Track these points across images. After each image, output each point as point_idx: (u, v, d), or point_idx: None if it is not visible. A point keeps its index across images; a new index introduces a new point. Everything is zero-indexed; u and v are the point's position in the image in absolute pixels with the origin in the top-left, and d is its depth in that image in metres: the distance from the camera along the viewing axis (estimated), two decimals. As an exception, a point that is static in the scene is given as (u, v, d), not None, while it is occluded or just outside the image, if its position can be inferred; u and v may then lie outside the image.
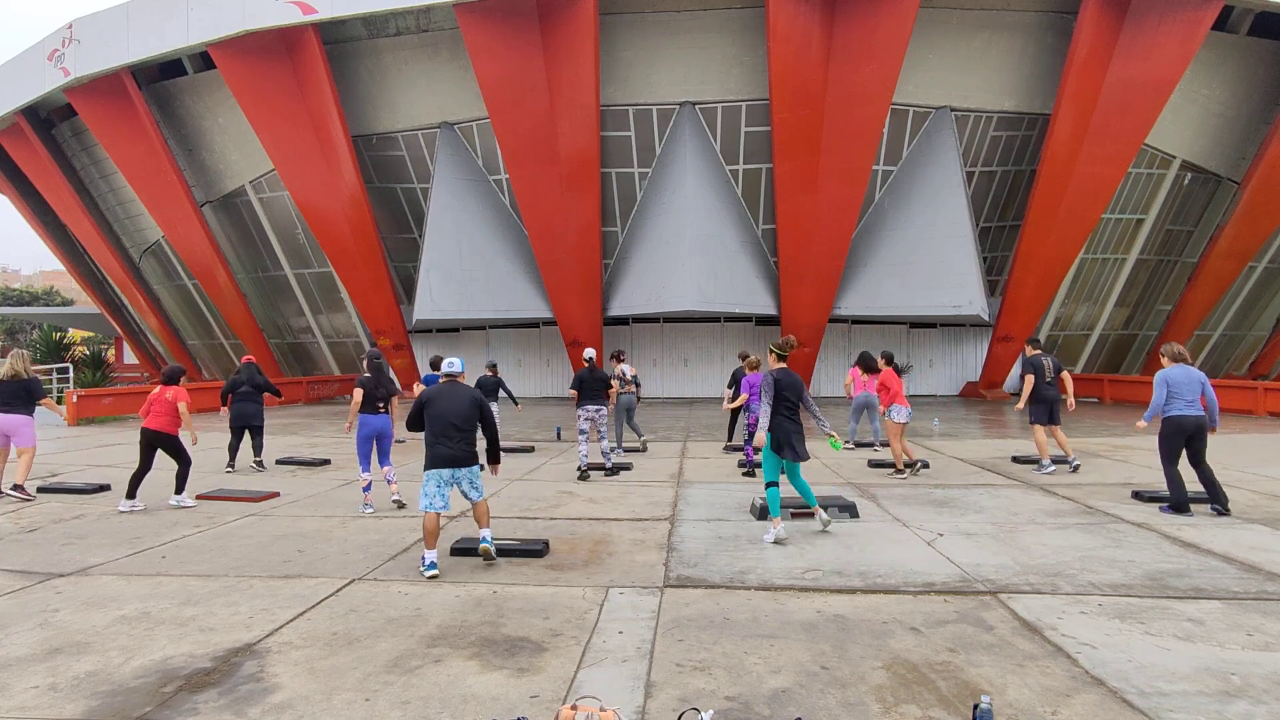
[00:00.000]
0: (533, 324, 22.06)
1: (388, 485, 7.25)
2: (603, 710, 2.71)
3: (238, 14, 17.59)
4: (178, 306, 26.11)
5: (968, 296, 18.23)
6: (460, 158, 19.89)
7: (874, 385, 10.45)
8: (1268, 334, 24.45)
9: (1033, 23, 17.68)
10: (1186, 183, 20.27)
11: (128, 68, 19.40)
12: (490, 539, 5.07)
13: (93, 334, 42.46)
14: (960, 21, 17.52)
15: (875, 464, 9.15)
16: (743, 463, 9.08)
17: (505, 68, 16.93)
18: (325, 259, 21.27)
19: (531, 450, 10.88)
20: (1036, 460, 8.82)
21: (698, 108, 18.69)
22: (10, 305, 54.32)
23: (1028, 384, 8.56)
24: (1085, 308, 21.74)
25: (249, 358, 10.26)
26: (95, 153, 23.21)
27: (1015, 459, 9.34)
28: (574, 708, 2.72)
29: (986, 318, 18.71)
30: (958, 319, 19.73)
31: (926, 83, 18.14)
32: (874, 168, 18.69)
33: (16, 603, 4.34)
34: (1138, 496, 7.03)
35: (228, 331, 24.63)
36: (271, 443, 10.89)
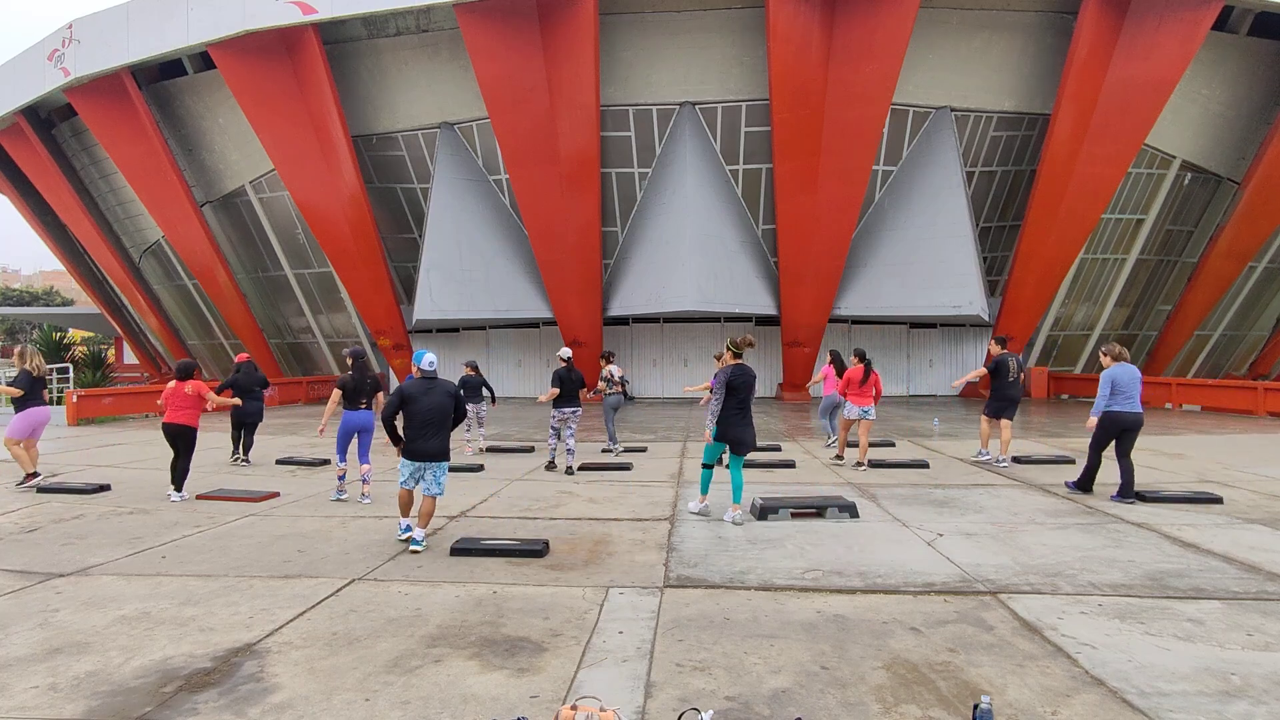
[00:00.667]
0: (533, 324, 22.06)
1: (361, 484, 7.45)
2: (603, 710, 2.71)
3: (238, 14, 17.60)
4: (178, 306, 26.11)
5: (968, 296, 18.24)
6: (460, 158, 19.90)
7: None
8: (1268, 334, 24.46)
9: (1033, 23, 17.68)
10: (1186, 183, 20.28)
11: (128, 68, 19.40)
12: (422, 540, 5.42)
13: (93, 334, 42.47)
14: (960, 21, 17.52)
15: (875, 464, 9.15)
16: None
17: (505, 68, 16.93)
18: (325, 259, 21.27)
19: (531, 450, 10.88)
20: (1037, 460, 9.22)
21: (698, 108, 18.69)
22: (10, 305, 54.37)
23: (979, 374, 9.46)
24: (1085, 308, 21.75)
25: (246, 356, 10.36)
26: (95, 153, 23.22)
27: (1015, 459, 9.35)
28: (574, 708, 2.72)
29: (986, 318, 18.72)
30: (958, 319, 19.73)
31: (926, 83, 18.15)
32: (874, 168, 18.70)
33: (16, 603, 4.34)
34: (1138, 496, 7.03)
35: (228, 331, 24.63)
36: (272, 443, 10.89)
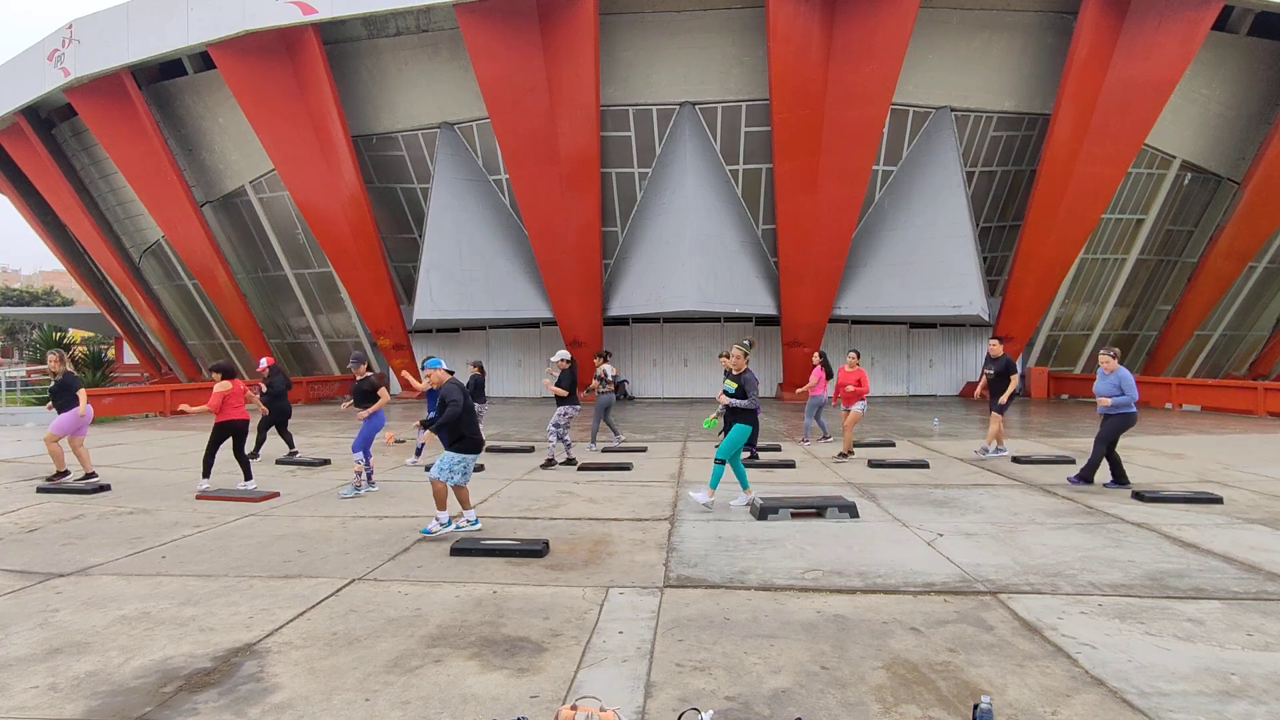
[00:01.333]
0: (533, 324, 22.06)
1: (368, 476, 7.74)
2: (603, 710, 2.71)
3: (238, 14, 17.59)
4: (178, 306, 26.11)
5: (968, 296, 18.24)
6: (460, 158, 19.90)
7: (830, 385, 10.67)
8: (1268, 334, 24.46)
9: (1033, 23, 17.68)
10: (1186, 183, 20.27)
11: (128, 68, 19.40)
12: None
13: (93, 334, 42.49)
14: (960, 21, 17.52)
15: (875, 464, 9.16)
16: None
17: (505, 68, 16.93)
18: (325, 259, 21.27)
19: (531, 450, 10.88)
20: (1037, 460, 9.32)
21: (698, 108, 18.69)
22: (10, 305, 54.36)
23: (1014, 383, 9.74)
24: (1085, 308, 21.75)
25: (273, 359, 10.83)
26: (95, 153, 23.22)
27: (1015, 459, 9.36)
28: (574, 708, 2.72)
29: (986, 318, 18.71)
30: (958, 319, 19.72)
31: (926, 83, 18.14)
32: (874, 168, 18.69)
33: (16, 603, 4.34)
34: (1138, 497, 7.03)
35: (228, 331, 24.63)
36: (272, 443, 10.90)
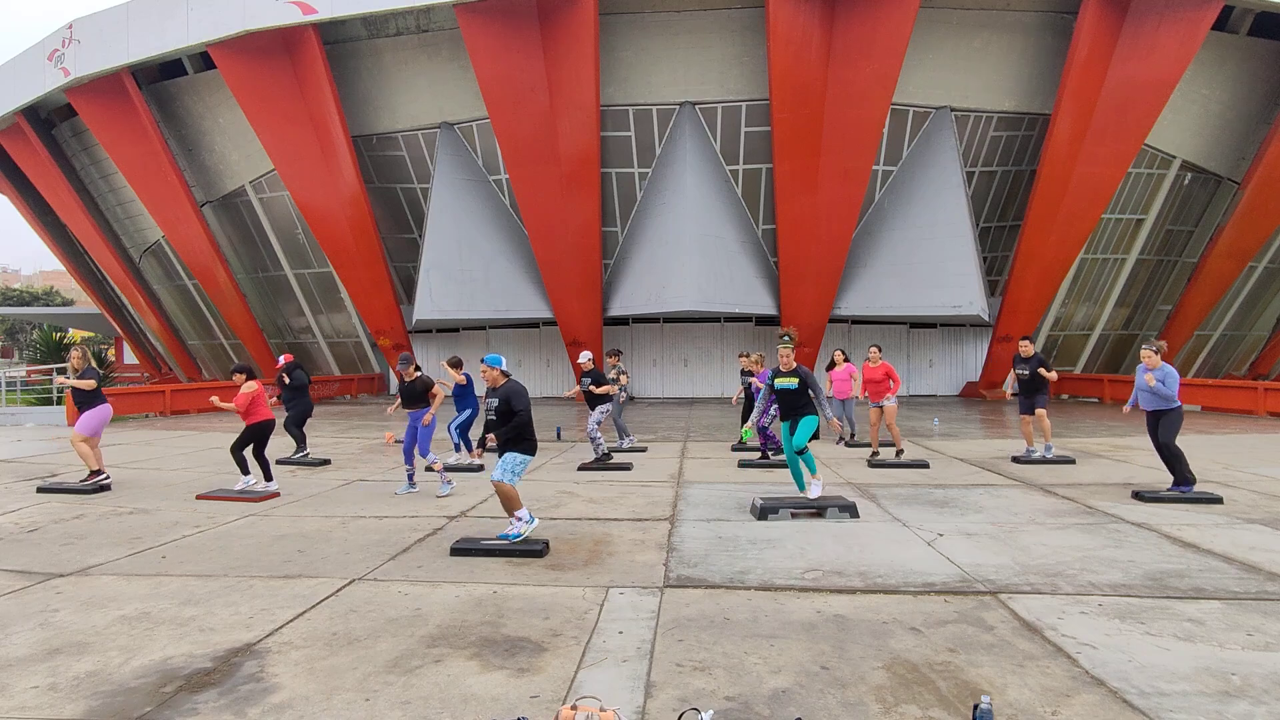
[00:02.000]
0: (533, 324, 22.07)
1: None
2: (603, 710, 2.71)
3: (238, 14, 17.60)
4: (178, 306, 26.11)
5: (968, 296, 18.24)
6: (460, 158, 19.90)
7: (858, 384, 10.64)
8: (1268, 334, 24.47)
9: (1033, 23, 17.68)
10: (1186, 183, 20.28)
11: (128, 68, 19.41)
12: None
13: (93, 334, 42.50)
14: (960, 21, 17.52)
15: (875, 464, 9.16)
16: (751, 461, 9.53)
17: (505, 68, 16.93)
18: (325, 259, 21.28)
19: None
20: (1037, 460, 9.26)
21: (698, 108, 18.69)
22: (10, 305, 54.36)
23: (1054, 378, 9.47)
24: (1085, 308, 21.75)
25: (291, 356, 10.67)
26: (95, 153, 23.22)
27: (1015, 459, 9.35)
28: (574, 708, 2.72)
29: (986, 318, 18.72)
30: (958, 319, 19.73)
31: (926, 83, 18.15)
32: (874, 168, 18.70)
33: (16, 603, 4.34)
34: (1138, 497, 7.03)
35: (228, 331, 24.63)
36: (272, 442, 10.89)
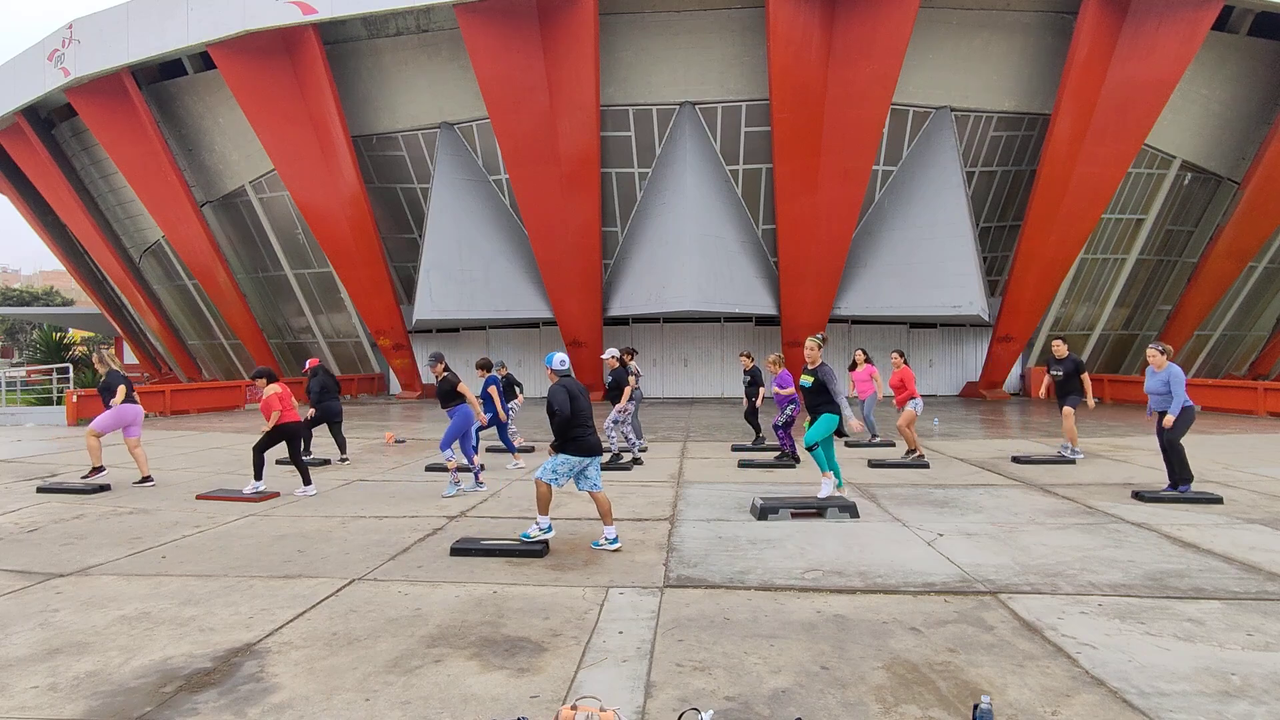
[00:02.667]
0: (533, 324, 22.07)
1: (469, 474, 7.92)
2: (603, 710, 2.71)
3: (238, 14, 17.60)
4: (178, 306, 26.11)
5: (968, 296, 18.24)
6: (460, 158, 19.90)
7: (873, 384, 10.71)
8: (1268, 334, 24.46)
9: (1033, 23, 17.68)
10: (1186, 183, 20.28)
11: (128, 68, 19.41)
12: (616, 538, 5.42)
13: (93, 334, 42.50)
14: (960, 21, 17.52)
15: (875, 463, 9.16)
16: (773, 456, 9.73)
17: (505, 68, 16.93)
18: (325, 259, 21.28)
19: (532, 450, 10.88)
20: (1037, 460, 9.29)
21: (698, 108, 18.69)
22: (10, 305, 54.35)
23: (1088, 381, 9.49)
24: (1085, 308, 21.75)
25: (317, 360, 10.55)
26: (95, 153, 23.22)
27: (1015, 459, 9.35)
28: (574, 708, 2.72)
29: (986, 318, 18.71)
30: (958, 319, 19.73)
31: (926, 83, 18.15)
32: (874, 168, 18.70)
33: (16, 603, 4.34)
34: (1138, 496, 7.02)
35: (228, 331, 24.64)
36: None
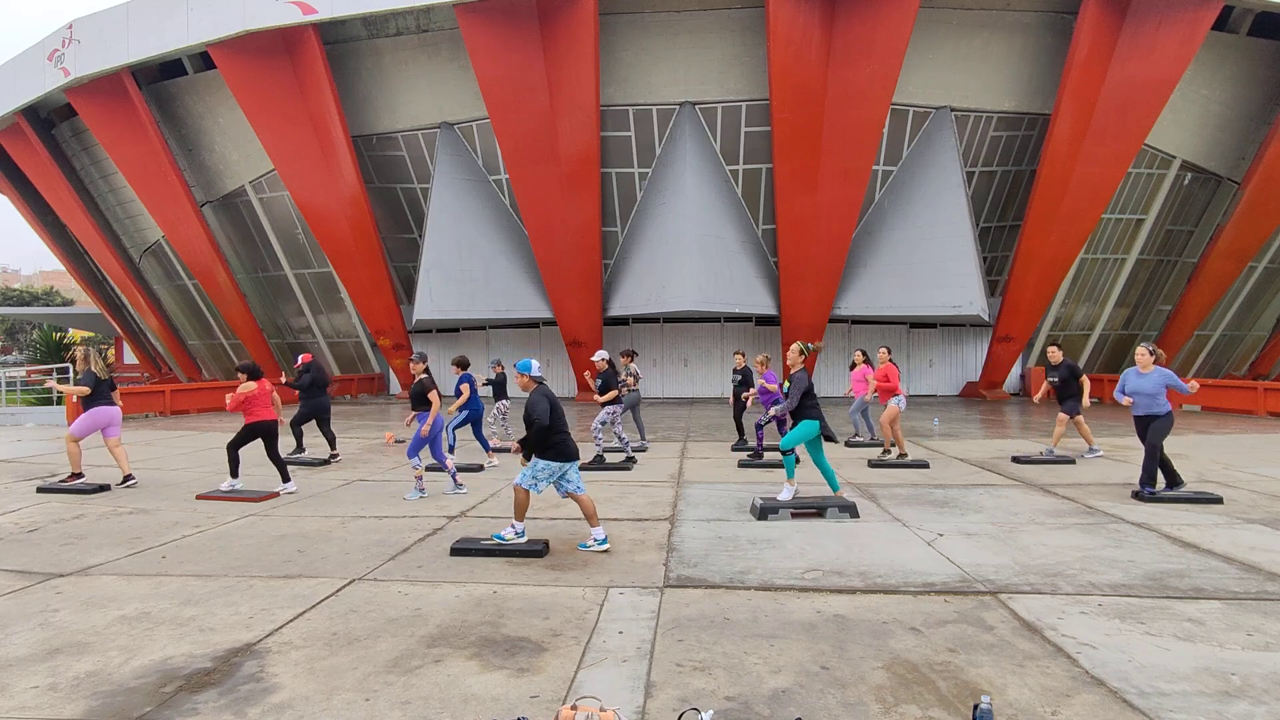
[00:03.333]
0: (533, 324, 22.07)
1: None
2: (603, 710, 2.71)
3: (238, 14, 17.60)
4: (178, 306, 26.11)
5: (968, 296, 18.24)
6: (460, 158, 19.90)
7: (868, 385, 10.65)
8: (1268, 334, 24.46)
9: (1033, 23, 17.68)
10: (1186, 183, 20.27)
11: (128, 68, 19.40)
12: (605, 538, 5.42)
13: (93, 334, 42.48)
14: (960, 21, 17.52)
15: (875, 464, 9.16)
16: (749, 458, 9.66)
17: (505, 68, 16.93)
18: (325, 259, 21.28)
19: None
20: (1037, 460, 9.28)
21: (698, 108, 18.69)
22: (10, 305, 54.36)
23: (1086, 384, 9.45)
24: (1085, 308, 21.75)
25: (310, 356, 10.58)
26: (95, 153, 23.22)
27: (1015, 459, 9.35)
28: (574, 708, 2.72)
29: (986, 318, 18.71)
30: (958, 319, 19.72)
31: (926, 83, 18.14)
32: (874, 168, 18.69)
33: (16, 603, 4.34)
34: (1138, 497, 7.03)
35: (228, 331, 24.63)
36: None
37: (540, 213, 18.47)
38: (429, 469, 8.45)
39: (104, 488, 7.78)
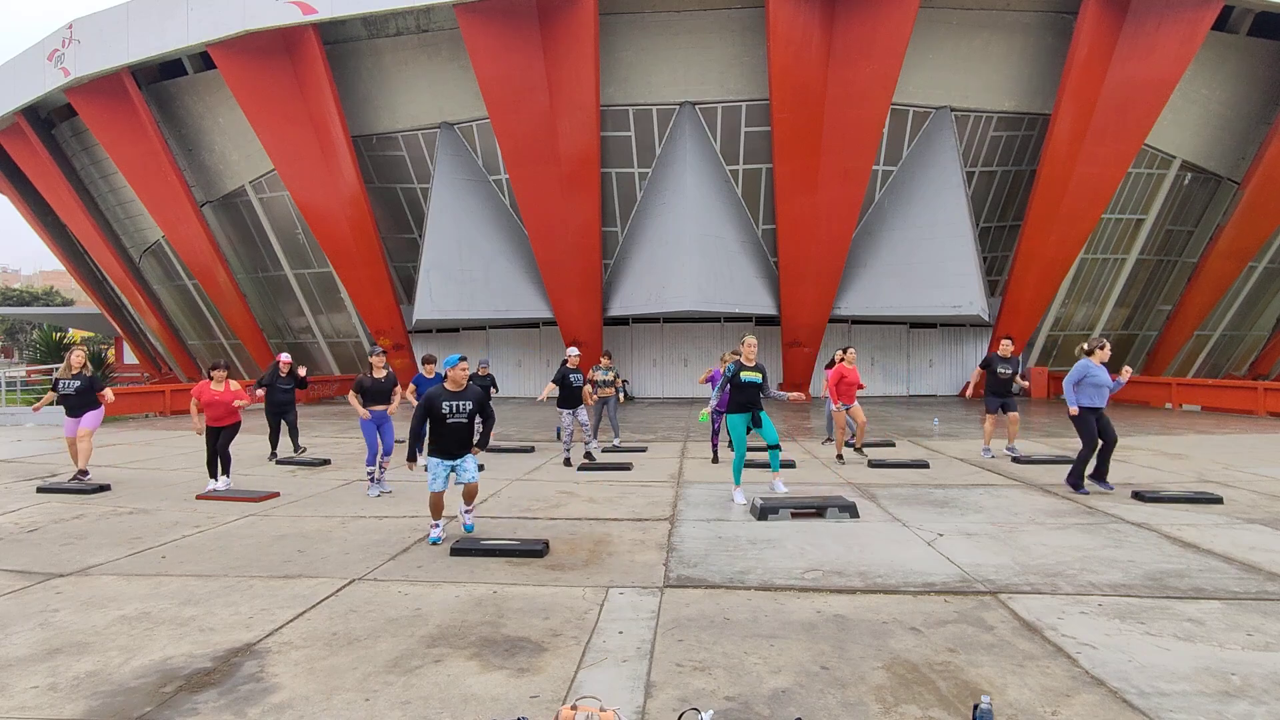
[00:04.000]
0: (533, 324, 22.07)
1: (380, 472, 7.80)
2: (603, 710, 2.71)
3: (238, 14, 17.60)
4: (178, 306, 26.11)
5: (968, 296, 18.24)
6: (460, 158, 19.90)
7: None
8: (1268, 334, 24.46)
9: (1033, 23, 17.68)
10: (1186, 183, 20.28)
11: (128, 68, 19.41)
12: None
13: (93, 334, 42.48)
14: (960, 21, 17.52)
15: (875, 464, 9.16)
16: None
17: (505, 68, 16.93)
18: (325, 259, 21.28)
19: (531, 450, 10.88)
20: (1037, 460, 9.34)
21: (698, 108, 18.69)
22: (10, 305, 54.37)
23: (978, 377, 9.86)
24: (1085, 308, 21.75)
25: (287, 362, 10.70)
26: (95, 153, 23.22)
27: (1015, 459, 9.35)
28: (574, 708, 2.72)
29: (986, 318, 18.71)
30: (958, 319, 19.73)
31: (926, 83, 18.15)
32: (874, 168, 18.69)
33: (16, 603, 4.34)
34: (1138, 497, 7.03)
35: (228, 331, 24.63)
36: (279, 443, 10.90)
37: (540, 213, 18.47)
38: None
39: (104, 488, 7.78)
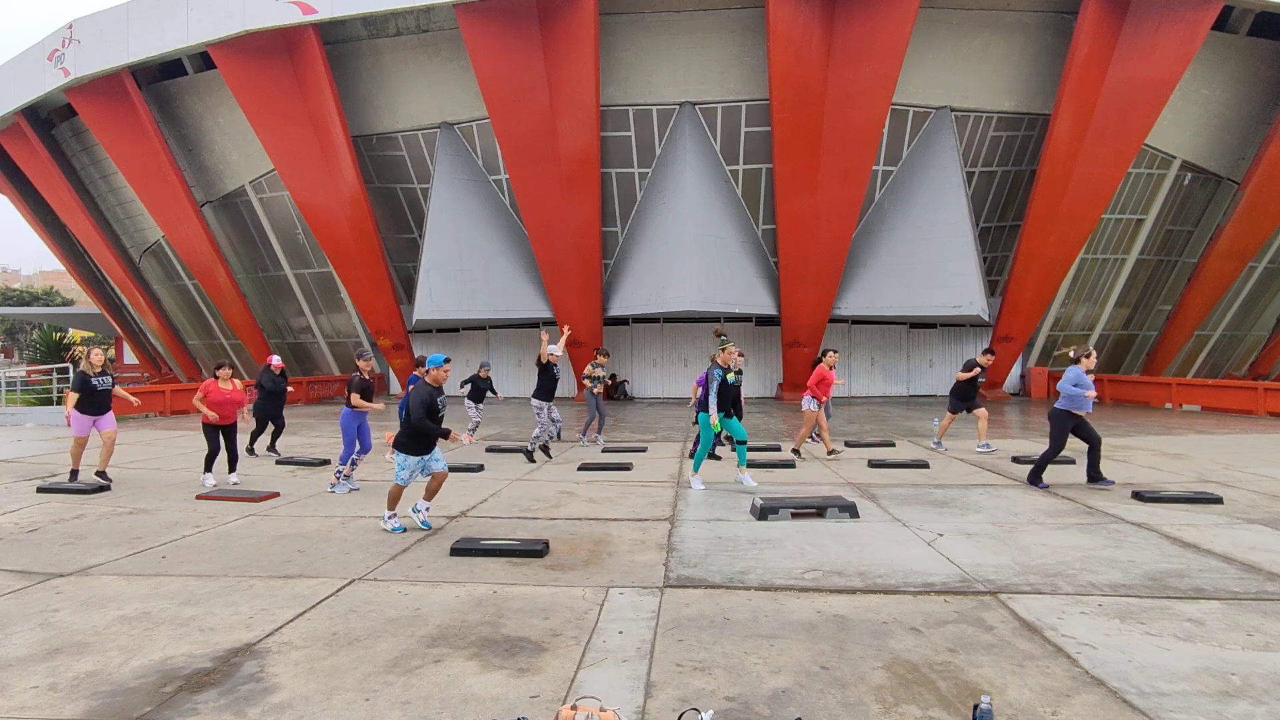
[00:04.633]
0: (533, 324, 22.03)
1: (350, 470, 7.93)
2: (603, 710, 2.71)
3: (238, 14, 17.60)
4: (178, 306, 26.11)
5: (968, 296, 18.23)
6: (460, 158, 19.90)
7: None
8: (1268, 334, 24.46)
9: (1033, 23, 17.68)
10: (1186, 183, 20.27)
11: (128, 68, 19.40)
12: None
13: (93, 334, 42.48)
14: (960, 21, 17.52)
15: (875, 464, 9.16)
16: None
17: (505, 68, 16.93)
18: (325, 259, 21.27)
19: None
20: (1035, 460, 9.10)
21: (698, 108, 18.69)
22: (10, 305, 54.37)
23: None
24: (1085, 308, 21.75)
25: (278, 364, 10.86)
26: (95, 153, 23.22)
27: (1015, 459, 9.35)
28: (574, 708, 2.72)
29: (986, 318, 18.71)
30: (958, 319, 19.72)
31: (926, 83, 18.14)
32: (874, 168, 18.69)
33: (16, 603, 4.34)
34: (1138, 497, 7.03)
35: (228, 331, 24.63)
36: (278, 441, 10.91)
37: (540, 213, 18.47)
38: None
39: (104, 488, 7.78)
